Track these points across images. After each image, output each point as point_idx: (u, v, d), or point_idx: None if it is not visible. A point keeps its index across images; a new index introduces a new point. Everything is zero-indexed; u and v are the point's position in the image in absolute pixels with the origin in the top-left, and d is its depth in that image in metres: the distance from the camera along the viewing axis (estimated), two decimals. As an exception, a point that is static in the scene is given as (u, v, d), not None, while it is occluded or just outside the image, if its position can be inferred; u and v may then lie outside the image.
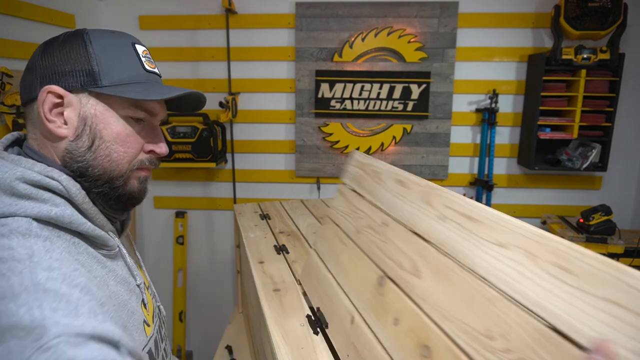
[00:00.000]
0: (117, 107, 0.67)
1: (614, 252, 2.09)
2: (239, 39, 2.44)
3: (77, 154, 0.65)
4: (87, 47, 0.65)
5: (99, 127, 0.66)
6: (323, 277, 0.99)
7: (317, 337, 0.87)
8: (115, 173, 0.68)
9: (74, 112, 0.65)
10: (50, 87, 0.63)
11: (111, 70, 0.65)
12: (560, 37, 2.17)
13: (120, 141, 0.67)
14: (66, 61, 0.64)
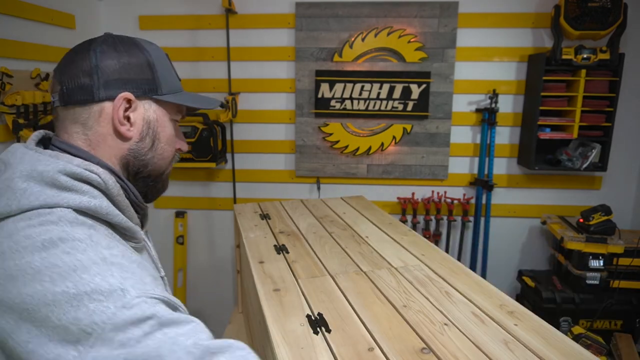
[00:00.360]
0: (170, 111, 0.77)
1: (613, 252, 2.10)
2: (239, 39, 2.44)
3: (141, 154, 0.73)
4: (147, 57, 0.73)
5: (158, 129, 0.75)
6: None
7: (317, 337, 0.88)
8: (163, 169, 0.78)
9: (139, 116, 0.72)
10: (126, 93, 0.70)
11: (167, 80, 0.75)
12: (560, 37, 2.17)
13: (170, 141, 0.77)
14: (130, 69, 0.71)
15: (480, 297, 1.04)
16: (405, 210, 2.53)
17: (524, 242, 2.60)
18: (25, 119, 1.73)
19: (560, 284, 2.21)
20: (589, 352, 0.83)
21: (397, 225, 1.59)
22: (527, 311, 0.98)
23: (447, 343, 0.85)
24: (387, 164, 2.52)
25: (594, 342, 1.90)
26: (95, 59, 0.70)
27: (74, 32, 2.19)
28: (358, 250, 1.34)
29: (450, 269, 1.21)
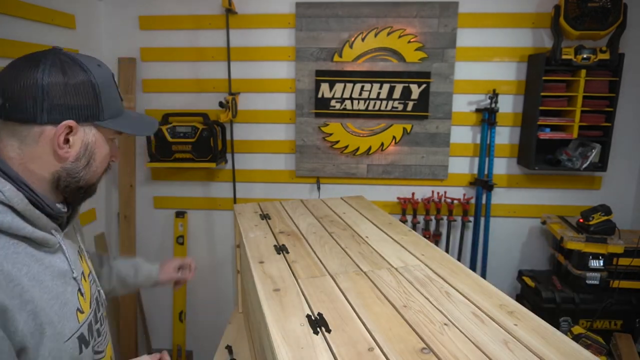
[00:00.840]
0: (107, 134, 0.83)
1: (613, 252, 2.10)
2: (239, 39, 2.44)
3: (74, 172, 0.80)
4: (93, 85, 0.77)
5: (95, 151, 0.81)
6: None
7: (317, 337, 0.88)
8: (93, 182, 0.85)
9: (78, 139, 0.78)
10: (69, 122, 0.75)
11: (109, 106, 0.80)
12: (560, 37, 2.18)
13: (105, 159, 0.85)
14: (75, 94, 0.75)
15: (480, 297, 1.04)
16: (405, 210, 2.53)
17: (524, 242, 2.60)
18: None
19: (560, 284, 2.21)
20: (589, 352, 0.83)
21: (397, 225, 1.59)
22: (527, 311, 0.98)
23: (447, 343, 0.85)
24: (387, 164, 2.52)
25: (593, 342, 1.90)
26: (41, 79, 0.72)
27: (74, 32, 2.19)
28: (358, 250, 1.34)
29: (450, 269, 1.21)
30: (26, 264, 0.73)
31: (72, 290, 0.82)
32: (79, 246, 0.92)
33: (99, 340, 0.91)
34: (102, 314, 0.95)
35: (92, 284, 0.93)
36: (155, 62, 2.49)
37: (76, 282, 0.84)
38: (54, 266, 0.79)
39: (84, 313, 0.84)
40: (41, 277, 0.75)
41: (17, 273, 0.71)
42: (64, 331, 0.78)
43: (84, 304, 0.85)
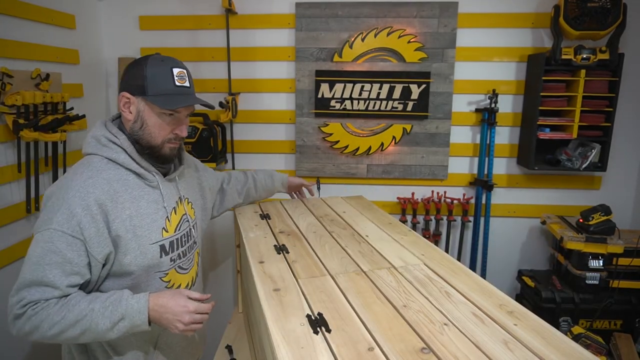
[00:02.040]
0: (154, 107, 1.18)
1: (613, 252, 2.10)
2: (239, 39, 2.44)
3: (135, 130, 1.20)
4: (144, 69, 1.16)
5: (145, 118, 1.19)
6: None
7: (317, 337, 0.88)
8: (153, 143, 1.21)
9: (134, 107, 1.19)
10: (124, 93, 1.18)
11: (153, 86, 1.16)
12: (560, 37, 2.18)
13: (157, 127, 1.20)
14: (133, 76, 1.18)
15: (480, 297, 1.04)
16: (405, 210, 2.53)
17: (524, 242, 2.60)
18: (25, 119, 1.73)
19: (560, 284, 2.21)
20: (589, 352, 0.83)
21: (397, 225, 1.59)
22: (527, 311, 0.98)
23: (447, 343, 0.85)
24: (387, 164, 2.52)
25: (593, 342, 1.90)
26: (126, 68, 1.21)
27: (74, 32, 2.19)
28: (358, 249, 1.34)
29: (450, 269, 1.21)
30: (131, 187, 1.18)
31: (162, 215, 1.24)
32: (179, 194, 1.33)
33: (183, 260, 1.31)
34: (191, 245, 1.35)
35: (185, 222, 1.33)
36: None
37: (165, 210, 1.25)
38: (151, 195, 1.22)
39: (168, 232, 1.25)
40: (140, 198, 1.19)
41: (123, 190, 1.16)
42: (150, 237, 1.19)
43: (169, 227, 1.25)
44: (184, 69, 1.22)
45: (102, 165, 1.15)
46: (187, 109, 1.25)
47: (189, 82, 1.23)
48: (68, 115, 1.95)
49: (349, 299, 1.03)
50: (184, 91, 1.20)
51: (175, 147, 1.26)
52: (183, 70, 1.21)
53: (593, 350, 1.87)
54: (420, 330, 0.89)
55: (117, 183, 1.15)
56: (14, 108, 1.69)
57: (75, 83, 2.19)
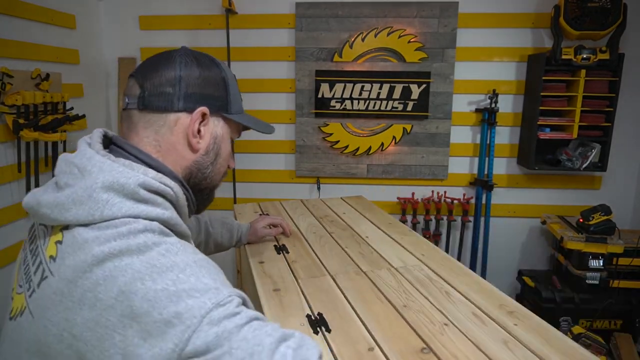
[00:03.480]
0: (232, 130, 0.80)
1: (613, 251, 2.10)
2: (239, 39, 2.44)
3: (203, 167, 0.76)
4: (223, 75, 0.76)
5: (222, 145, 0.78)
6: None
7: (317, 337, 0.88)
8: (216, 183, 0.81)
9: (209, 131, 0.75)
10: (203, 108, 0.73)
11: (235, 100, 0.79)
12: (560, 37, 2.18)
13: (227, 158, 0.81)
14: (209, 85, 0.74)
15: (480, 297, 1.04)
16: (405, 210, 2.53)
17: (524, 242, 2.60)
18: (25, 119, 1.73)
19: (560, 284, 2.21)
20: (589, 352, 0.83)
21: (397, 225, 1.59)
22: (527, 311, 0.98)
23: (447, 343, 0.85)
24: (387, 164, 2.52)
25: (593, 342, 1.90)
26: (179, 69, 0.72)
27: (74, 32, 2.19)
28: (358, 250, 1.34)
29: (450, 269, 1.21)
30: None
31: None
32: None
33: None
34: None
35: None
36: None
37: None
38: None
39: None
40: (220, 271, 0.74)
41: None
42: None
43: None
44: None
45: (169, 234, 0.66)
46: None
47: None
48: (68, 115, 1.95)
49: (349, 299, 1.03)
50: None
51: None
52: None
53: (593, 350, 1.87)
54: (420, 330, 0.89)
55: (202, 260, 0.68)
56: (14, 108, 1.69)
57: (75, 83, 2.19)
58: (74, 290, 0.56)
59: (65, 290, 0.57)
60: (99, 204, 0.60)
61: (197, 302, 0.55)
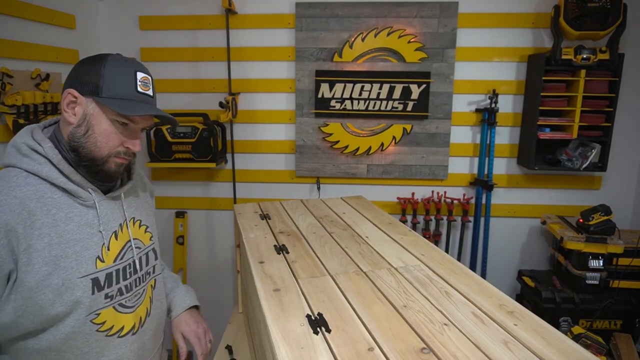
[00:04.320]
0: (107, 112, 0.97)
1: (613, 252, 2.10)
2: (239, 39, 2.44)
3: (77, 137, 0.97)
4: (102, 67, 0.96)
5: (93, 122, 0.97)
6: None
7: (317, 337, 0.88)
8: (96, 154, 0.98)
9: (81, 109, 0.97)
10: (70, 90, 0.96)
11: (110, 87, 0.96)
12: (560, 37, 2.18)
13: (106, 135, 0.98)
14: (86, 73, 0.97)
15: (480, 297, 1.04)
16: (405, 210, 2.53)
17: (524, 242, 2.60)
18: (25, 119, 1.73)
19: (560, 284, 2.21)
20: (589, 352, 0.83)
21: (397, 225, 1.59)
22: (527, 311, 0.98)
23: (447, 343, 0.85)
24: (387, 164, 2.52)
25: (593, 342, 1.90)
26: (76, 63, 1.00)
27: (74, 32, 2.19)
28: (358, 250, 1.34)
29: (450, 269, 1.21)
30: (56, 207, 0.94)
31: (97, 240, 1.00)
32: (125, 215, 1.09)
33: (126, 296, 1.07)
34: (141, 277, 1.11)
35: (129, 250, 1.08)
36: (155, 62, 2.49)
37: (102, 235, 1.01)
38: (84, 216, 0.99)
39: (104, 262, 1.01)
40: (67, 220, 0.95)
41: (40, 211, 0.92)
42: (79, 268, 0.96)
43: (106, 256, 1.02)
44: (148, 75, 1.03)
45: (18, 180, 0.92)
46: (145, 121, 1.03)
47: (152, 90, 1.03)
48: (68, 115, 1.95)
49: (349, 299, 1.03)
50: (146, 99, 1.01)
51: (122, 163, 1.03)
52: (147, 77, 1.02)
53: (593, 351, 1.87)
54: (420, 330, 0.89)
55: (35, 203, 0.91)
56: (14, 108, 1.70)
57: (75, 83, 2.19)
58: None
59: None
60: (6, 155, 0.97)
61: None
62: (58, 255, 0.93)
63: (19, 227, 0.89)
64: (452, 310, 0.98)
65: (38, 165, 0.94)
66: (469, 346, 0.84)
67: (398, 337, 0.87)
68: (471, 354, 0.82)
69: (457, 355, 0.81)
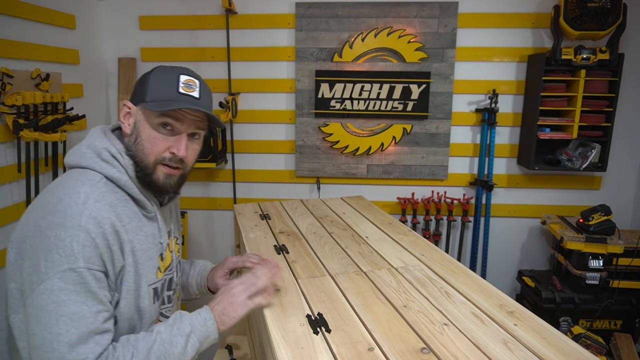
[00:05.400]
0: (150, 116, 0.96)
1: (613, 252, 2.10)
2: (239, 39, 2.44)
3: (130, 145, 0.98)
4: (148, 77, 0.99)
5: (140, 129, 0.97)
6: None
7: (317, 337, 0.88)
8: (145, 162, 0.97)
9: (133, 118, 0.99)
10: (126, 102, 0.99)
11: (153, 91, 0.97)
12: (560, 37, 2.18)
13: (150, 140, 0.96)
14: (139, 84, 1.00)
15: (480, 297, 1.04)
16: (405, 210, 2.53)
17: (524, 242, 2.60)
18: (25, 119, 1.73)
19: (560, 284, 2.21)
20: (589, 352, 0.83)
21: (397, 225, 1.59)
22: (527, 311, 0.98)
23: (447, 343, 0.85)
24: (387, 164, 2.52)
25: (593, 342, 1.90)
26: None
27: (74, 32, 2.19)
28: (358, 250, 1.34)
29: (450, 269, 1.21)
30: (130, 215, 0.95)
31: (157, 251, 1.02)
32: (170, 227, 1.12)
33: (167, 306, 1.10)
34: (175, 288, 1.14)
35: (172, 260, 1.11)
36: (155, 62, 2.49)
37: (162, 246, 1.04)
38: (147, 227, 1.00)
39: (161, 272, 1.04)
40: (139, 230, 0.97)
41: (125, 217, 0.93)
42: (148, 277, 0.97)
43: (162, 266, 1.04)
44: (196, 79, 1.00)
45: (101, 185, 0.91)
46: (189, 124, 0.98)
47: (199, 92, 0.99)
48: (68, 115, 1.95)
49: (349, 299, 1.03)
50: (189, 100, 0.97)
51: (172, 176, 0.99)
52: (193, 79, 0.99)
53: (593, 351, 1.87)
54: (420, 330, 0.89)
55: (120, 209, 0.92)
56: (14, 108, 1.69)
57: (75, 83, 2.19)
58: None
59: None
60: (82, 156, 0.95)
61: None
62: (137, 261, 0.94)
63: (120, 230, 0.90)
64: (452, 310, 0.98)
65: (118, 174, 0.94)
66: (469, 346, 0.84)
67: (398, 337, 0.87)
68: (471, 354, 0.82)
69: (457, 355, 0.81)
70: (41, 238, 0.83)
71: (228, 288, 1.01)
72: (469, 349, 0.83)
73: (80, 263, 0.81)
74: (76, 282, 0.80)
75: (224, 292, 1.01)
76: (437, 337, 0.87)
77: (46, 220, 0.84)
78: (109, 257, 0.87)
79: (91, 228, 0.83)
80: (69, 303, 0.80)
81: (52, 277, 0.79)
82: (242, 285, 1.00)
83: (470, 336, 0.88)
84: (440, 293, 1.06)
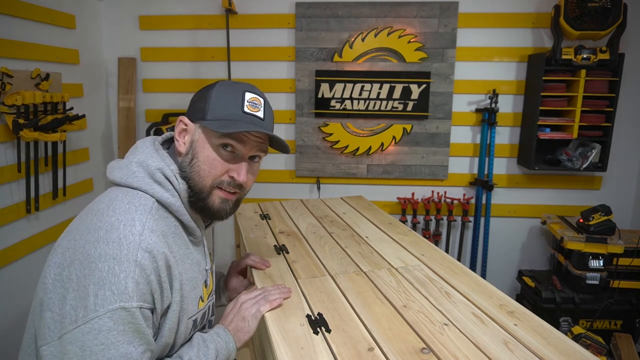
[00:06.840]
0: (211, 136, 0.88)
1: (613, 252, 2.10)
2: (239, 39, 2.44)
3: (184, 166, 0.89)
4: (209, 92, 0.89)
5: (198, 149, 0.88)
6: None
7: (317, 337, 0.88)
8: (200, 186, 0.89)
9: (190, 136, 0.90)
10: (182, 117, 0.91)
11: (215, 109, 0.88)
12: (560, 37, 2.18)
13: (209, 162, 0.88)
14: (197, 99, 0.91)
15: (480, 297, 1.04)
16: (405, 210, 2.53)
17: (524, 242, 2.60)
18: (25, 119, 1.73)
19: (560, 284, 2.21)
20: (589, 352, 0.83)
21: (397, 225, 1.59)
22: (527, 311, 0.98)
23: (447, 343, 0.85)
24: (387, 164, 2.52)
25: (593, 342, 1.90)
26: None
27: (74, 32, 2.19)
28: (358, 250, 1.34)
29: (450, 269, 1.21)
30: (178, 244, 0.87)
31: (201, 279, 0.95)
32: (211, 248, 1.06)
33: (206, 330, 1.02)
34: (213, 306, 1.08)
35: (214, 285, 1.06)
36: (155, 62, 2.50)
37: (206, 273, 0.97)
38: (194, 254, 0.93)
39: (203, 302, 0.96)
40: (186, 259, 0.89)
41: (175, 246, 0.85)
42: (189, 309, 0.89)
43: (204, 294, 0.97)
44: (261, 97, 0.92)
45: (154, 212, 0.83)
46: (252, 146, 0.90)
47: (263, 113, 0.91)
48: (68, 115, 1.95)
49: (349, 299, 1.03)
50: (253, 121, 0.89)
51: (228, 201, 0.91)
52: (258, 98, 0.91)
53: (593, 351, 1.87)
54: (420, 330, 0.89)
55: (170, 238, 0.85)
56: (14, 108, 1.69)
57: (75, 83, 2.19)
58: None
59: None
60: (132, 174, 0.86)
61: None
62: (184, 294, 0.86)
63: (172, 263, 0.82)
64: (452, 310, 0.98)
65: (172, 198, 0.86)
66: (469, 346, 0.84)
67: (398, 337, 0.87)
68: (471, 354, 0.82)
69: (457, 355, 0.81)
70: (91, 270, 0.73)
71: (237, 304, 1.00)
72: (469, 349, 0.83)
73: (134, 302, 0.74)
74: (126, 321, 0.74)
75: (232, 309, 1.00)
76: (437, 337, 0.87)
77: (97, 250, 0.74)
78: (159, 295, 0.79)
79: (147, 264, 0.76)
80: (117, 345, 0.73)
81: (102, 317, 0.72)
82: (250, 300, 1.00)
83: (471, 336, 0.88)
84: (440, 293, 1.06)
